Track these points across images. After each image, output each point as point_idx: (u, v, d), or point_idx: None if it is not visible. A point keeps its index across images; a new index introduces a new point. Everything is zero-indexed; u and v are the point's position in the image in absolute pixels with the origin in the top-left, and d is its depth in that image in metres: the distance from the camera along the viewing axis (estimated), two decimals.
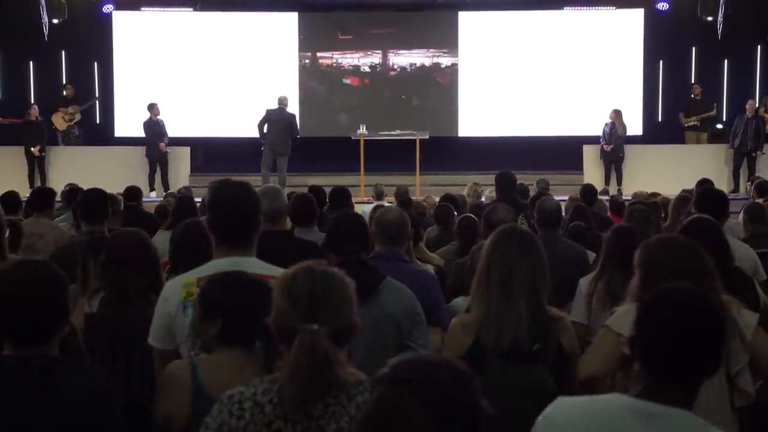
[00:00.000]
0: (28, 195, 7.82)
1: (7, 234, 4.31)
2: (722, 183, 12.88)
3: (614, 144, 14.60)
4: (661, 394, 1.98)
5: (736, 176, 14.48)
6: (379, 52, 16.60)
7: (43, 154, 14.59)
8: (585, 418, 2.03)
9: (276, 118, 13.89)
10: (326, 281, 2.10)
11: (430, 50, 16.59)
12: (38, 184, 14.07)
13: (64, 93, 15.55)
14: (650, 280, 2.90)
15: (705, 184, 7.58)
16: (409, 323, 3.36)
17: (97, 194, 5.17)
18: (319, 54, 16.59)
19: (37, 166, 14.54)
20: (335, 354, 2.02)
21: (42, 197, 6.84)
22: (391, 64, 16.62)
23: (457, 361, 1.72)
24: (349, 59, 16.63)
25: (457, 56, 16.48)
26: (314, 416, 2.04)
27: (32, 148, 14.39)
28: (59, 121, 15.21)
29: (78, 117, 15.37)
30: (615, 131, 14.63)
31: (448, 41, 16.49)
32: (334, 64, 16.64)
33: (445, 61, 16.57)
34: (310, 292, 2.08)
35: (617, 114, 14.71)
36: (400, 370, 1.66)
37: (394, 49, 16.57)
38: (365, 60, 16.62)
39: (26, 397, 2.30)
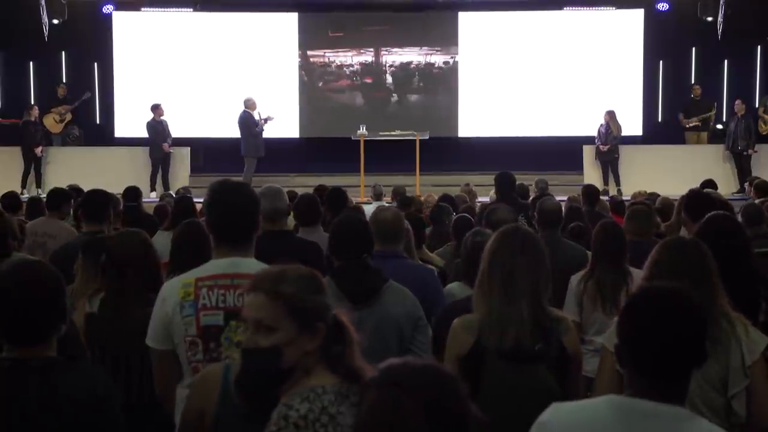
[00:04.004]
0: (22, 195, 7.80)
1: None
2: (723, 183, 12.85)
3: (609, 145, 14.64)
4: (652, 391, 1.99)
5: (741, 177, 14.45)
6: (373, 50, 16.56)
7: (43, 154, 14.55)
8: (579, 423, 2.04)
9: (239, 122, 14.02)
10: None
11: (431, 50, 16.57)
12: (34, 185, 14.08)
13: (58, 93, 15.44)
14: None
15: (708, 186, 7.56)
16: (411, 326, 3.37)
17: (99, 195, 5.18)
18: (319, 54, 16.58)
19: (33, 166, 14.47)
20: None
21: (57, 198, 6.84)
22: (391, 64, 16.60)
23: (444, 366, 1.76)
24: (348, 59, 16.61)
25: (457, 56, 16.48)
26: None
27: (35, 149, 14.33)
28: (50, 122, 15.10)
29: (69, 117, 15.25)
30: (610, 132, 14.67)
31: (449, 41, 16.48)
32: (335, 65, 16.62)
33: (446, 61, 16.57)
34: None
35: (611, 115, 14.76)
36: (391, 375, 1.67)
37: (394, 48, 16.56)
38: (364, 60, 16.60)
39: (25, 398, 2.30)
